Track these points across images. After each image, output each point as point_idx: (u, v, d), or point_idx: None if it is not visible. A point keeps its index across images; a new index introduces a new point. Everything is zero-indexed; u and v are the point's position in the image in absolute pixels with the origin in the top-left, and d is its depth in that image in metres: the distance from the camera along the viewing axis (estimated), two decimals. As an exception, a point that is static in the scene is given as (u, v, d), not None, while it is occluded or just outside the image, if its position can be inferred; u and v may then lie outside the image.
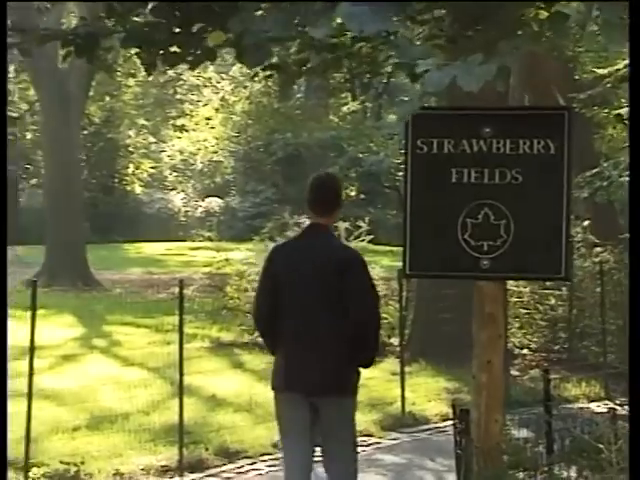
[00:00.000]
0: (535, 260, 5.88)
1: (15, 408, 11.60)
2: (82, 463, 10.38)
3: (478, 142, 5.86)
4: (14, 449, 10.28)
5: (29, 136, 42.98)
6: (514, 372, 15.07)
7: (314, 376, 7.22)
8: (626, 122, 18.07)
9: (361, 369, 7.44)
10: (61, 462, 10.30)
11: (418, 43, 9.22)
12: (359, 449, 12.07)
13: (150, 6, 7.22)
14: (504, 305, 6.25)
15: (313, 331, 7.26)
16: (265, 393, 14.06)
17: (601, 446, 5.60)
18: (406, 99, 6.88)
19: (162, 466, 10.87)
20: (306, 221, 19.04)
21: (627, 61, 17.33)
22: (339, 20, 6.06)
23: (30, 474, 9.81)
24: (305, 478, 7.56)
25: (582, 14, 6.53)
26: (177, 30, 7.25)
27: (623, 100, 18.09)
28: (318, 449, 7.58)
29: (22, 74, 37.25)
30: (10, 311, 19.71)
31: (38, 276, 23.76)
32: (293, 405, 7.51)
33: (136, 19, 7.39)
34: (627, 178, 17.40)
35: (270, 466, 11.38)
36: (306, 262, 7.33)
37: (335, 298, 7.16)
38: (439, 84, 4.93)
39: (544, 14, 7.52)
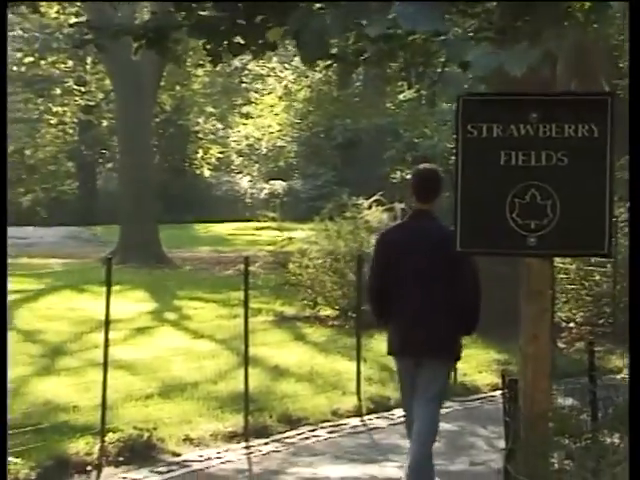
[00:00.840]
0: (580, 238, 5.82)
1: (92, 377, 11.71)
2: (154, 429, 10.44)
3: (525, 126, 5.81)
4: (91, 416, 10.37)
5: (105, 123, 43.21)
6: (561, 344, 15.00)
7: (427, 342, 7.88)
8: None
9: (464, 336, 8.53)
10: (134, 428, 10.35)
11: (469, 35, 9.18)
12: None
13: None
14: (551, 281, 6.20)
15: (427, 302, 7.93)
16: (325, 364, 14.14)
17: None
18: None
19: (229, 432, 10.91)
20: (364, 202, 19.13)
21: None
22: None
23: (106, 439, 9.87)
24: None
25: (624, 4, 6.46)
26: (240, 22, 7.24)
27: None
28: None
29: (98, 65, 37.41)
30: (87, 287, 19.94)
31: (113, 254, 23.83)
32: (408, 368, 8.20)
33: (202, 13, 7.38)
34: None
35: (330, 432, 11.41)
36: (420, 241, 8.06)
37: (447, 272, 7.93)
38: (486, 68, 4.91)
39: (588, 4, 7.48)
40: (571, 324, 16.02)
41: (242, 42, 7.39)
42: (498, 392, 9.71)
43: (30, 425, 10.12)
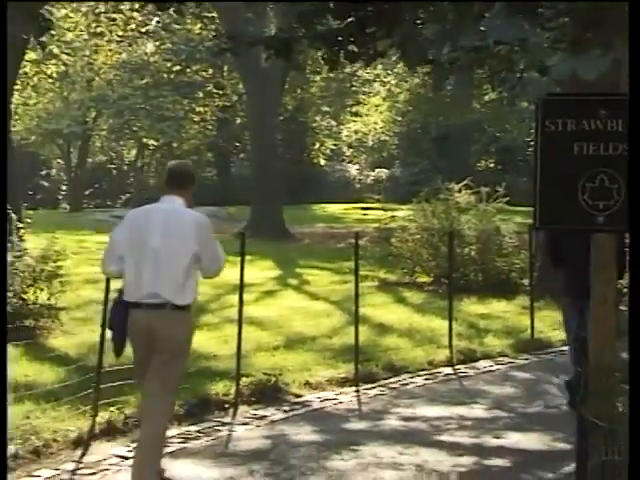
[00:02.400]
0: (641, 216, 5.76)
1: (228, 331, 11.87)
2: (280, 375, 10.51)
3: (595, 121, 5.74)
4: (229, 363, 10.48)
5: (238, 120, 43.50)
6: (622, 307, 14.77)
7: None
8: None
9: None
10: (264, 373, 10.44)
11: (546, 46, 9.07)
12: (497, 367, 12.11)
13: (332, 13, 7.22)
14: (615, 254, 6.10)
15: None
16: (422, 322, 14.13)
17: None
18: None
19: (342, 378, 10.95)
20: (454, 186, 19.04)
21: None
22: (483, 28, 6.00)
23: (241, 382, 9.97)
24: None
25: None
26: (353, 33, 7.24)
27: None
28: None
29: (233, 72, 37.64)
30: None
31: (245, 230, 23.98)
32: (571, 308, 9.13)
33: (321, 27, 7.39)
34: None
35: (426, 379, 11.39)
36: None
37: None
38: (563, 73, 4.87)
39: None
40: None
41: (356, 50, 7.39)
42: (569, 347, 9.62)
43: (178, 370, 10.27)
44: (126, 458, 7.95)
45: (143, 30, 35.24)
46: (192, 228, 7.17)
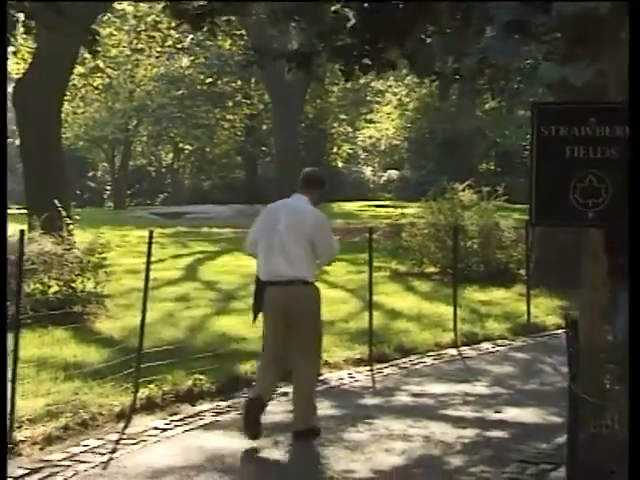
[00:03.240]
0: (626, 212, 5.74)
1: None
2: (301, 355, 10.51)
3: (585, 128, 5.73)
4: (255, 345, 10.41)
5: (264, 127, 43.48)
6: (611, 295, 14.72)
7: None
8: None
9: None
10: (287, 354, 10.43)
11: (539, 57, 9.04)
12: (497, 349, 12.09)
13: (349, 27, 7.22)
14: (604, 246, 6.09)
15: None
16: (429, 308, 14.12)
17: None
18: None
19: (357, 358, 10.95)
20: (459, 186, 19.02)
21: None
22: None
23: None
24: None
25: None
26: (367, 47, 7.23)
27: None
28: None
29: (259, 84, 37.64)
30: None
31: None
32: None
33: (339, 43, 7.38)
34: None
35: (433, 359, 11.39)
36: None
37: None
38: (552, 77, 4.88)
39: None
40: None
41: (369, 63, 7.38)
42: (561, 330, 9.59)
43: (210, 351, 10.29)
44: (163, 430, 7.99)
45: (179, 46, 35.28)
46: (310, 221, 7.94)
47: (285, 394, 9.38)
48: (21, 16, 10.24)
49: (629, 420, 3.21)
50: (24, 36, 10.97)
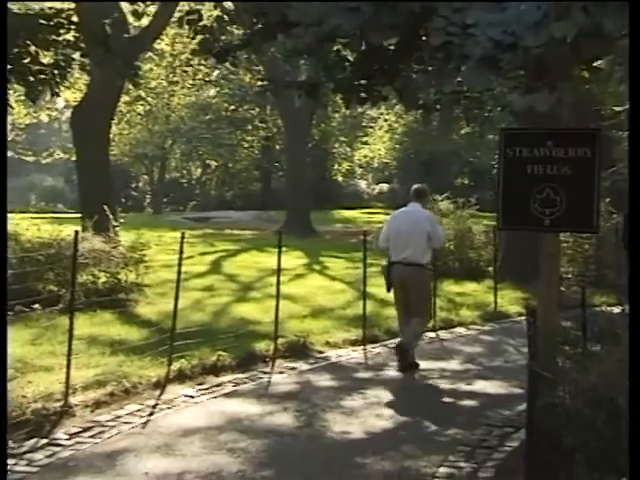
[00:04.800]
0: (578, 220, 5.72)
1: (269, 304, 11.83)
2: (307, 336, 10.52)
3: (544, 149, 5.72)
4: (269, 327, 10.48)
5: (277, 147, 43.39)
6: (562, 288, 14.68)
7: None
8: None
9: None
10: (295, 335, 10.44)
11: (506, 89, 9.03)
12: (469, 332, 12.07)
13: (347, 66, 7.21)
14: (559, 247, 6.10)
15: None
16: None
17: (618, 331, 5.43)
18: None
19: (353, 339, 10.94)
20: (438, 197, 18.99)
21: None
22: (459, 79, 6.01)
23: (278, 342, 10.00)
24: None
25: (607, 71, 6.38)
26: (363, 82, 7.23)
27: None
28: None
29: (274, 110, 37.58)
30: (265, 248, 20.14)
31: (282, 228, 23.93)
32: None
33: (340, 76, 7.38)
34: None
35: (416, 341, 11.39)
36: None
37: None
38: (521, 106, 4.91)
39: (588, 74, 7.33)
40: (569, 275, 15.63)
41: (365, 95, 7.37)
42: (523, 317, 9.59)
43: (231, 332, 10.31)
44: (192, 397, 8.00)
45: (207, 79, 35.34)
46: (425, 219, 9.47)
47: (294, 369, 9.41)
48: (77, 54, 10.24)
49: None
50: (79, 71, 10.96)
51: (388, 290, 9.61)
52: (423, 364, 9.79)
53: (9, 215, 17.03)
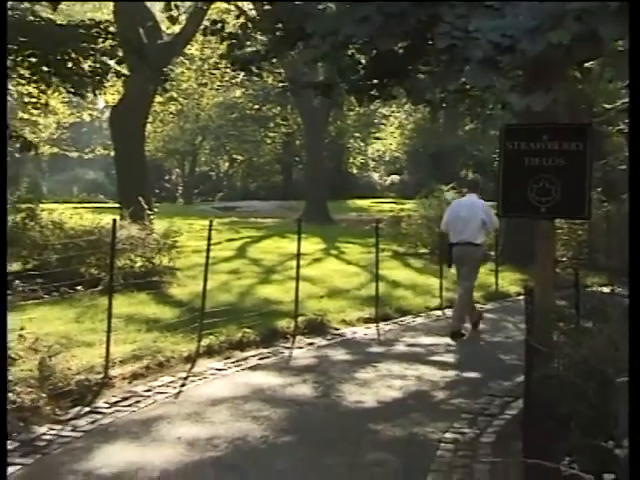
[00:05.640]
0: (571, 208, 5.69)
1: (289, 285, 11.82)
2: (324, 315, 10.54)
3: (540, 143, 5.69)
4: (289, 306, 10.44)
5: (298, 142, 43.33)
6: (557, 270, 14.62)
7: None
8: (623, 132, 17.26)
9: None
10: (313, 314, 10.46)
11: (506, 89, 8.96)
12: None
13: (360, 68, 7.16)
14: (554, 233, 6.07)
15: None
16: (421, 280, 14.08)
17: (608, 309, 5.40)
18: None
19: (366, 317, 10.96)
20: (444, 187, 18.87)
21: (623, 100, 16.56)
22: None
23: (298, 320, 10.02)
24: None
25: (599, 72, 6.29)
26: (375, 82, 7.20)
27: (620, 123, 17.41)
28: None
29: (294, 109, 37.48)
30: (287, 234, 20.15)
31: (302, 217, 23.74)
32: None
33: (353, 77, 7.33)
34: (623, 166, 16.65)
35: (424, 319, 11.40)
36: None
37: None
38: (520, 105, 4.87)
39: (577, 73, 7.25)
40: (564, 258, 15.55)
41: (377, 94, 7.34)
42: (521, 297, 9.56)
43: (256, 311, 10.34)
44: (220, 370, 8.04)
45: (234, 81, 35.25)
46: (480, 207, 10.20)
47: (312, 344, 9.43)
48: (112, 62, 10.30)
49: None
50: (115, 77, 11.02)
51: (449, 266, 10.46)
52: (430, 340, 9.80)
53: (54, 205, 17.19)
